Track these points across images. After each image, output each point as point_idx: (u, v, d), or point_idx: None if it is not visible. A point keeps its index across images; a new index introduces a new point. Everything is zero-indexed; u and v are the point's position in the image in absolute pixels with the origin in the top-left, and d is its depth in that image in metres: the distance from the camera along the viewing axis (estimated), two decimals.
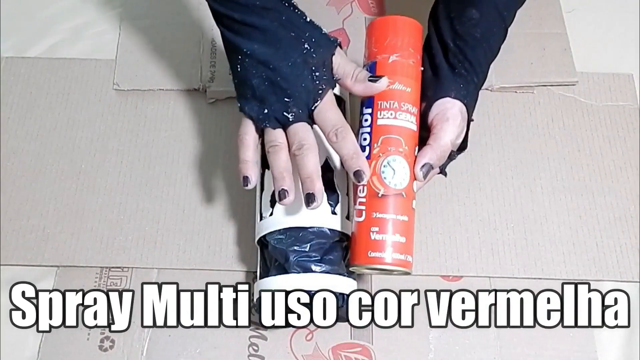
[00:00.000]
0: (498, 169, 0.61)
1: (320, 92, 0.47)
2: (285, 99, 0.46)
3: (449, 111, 0.48)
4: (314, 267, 0.48)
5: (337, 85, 0.49)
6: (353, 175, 0.46)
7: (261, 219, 0.51)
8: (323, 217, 0.49)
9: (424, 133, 0.49)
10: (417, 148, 0.48)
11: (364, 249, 0.46)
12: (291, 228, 0.49)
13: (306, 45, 0.47)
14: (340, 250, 0.50)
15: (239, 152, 0.48)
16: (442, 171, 0.51)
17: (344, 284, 0.48)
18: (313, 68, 0.47)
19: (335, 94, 0.52)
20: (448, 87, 0.49)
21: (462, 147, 0.51)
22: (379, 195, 0.46)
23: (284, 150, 0.47)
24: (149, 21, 0.68)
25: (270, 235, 0.49)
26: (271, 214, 0.50)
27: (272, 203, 0.50)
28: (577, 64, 0.65)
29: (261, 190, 0.52)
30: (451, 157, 0.50)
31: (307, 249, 0.48)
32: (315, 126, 0.48)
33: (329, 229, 0.49)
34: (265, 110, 0.47)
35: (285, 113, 0.47)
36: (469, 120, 0.50)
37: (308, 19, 0.48)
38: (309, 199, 0.45)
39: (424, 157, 0.47)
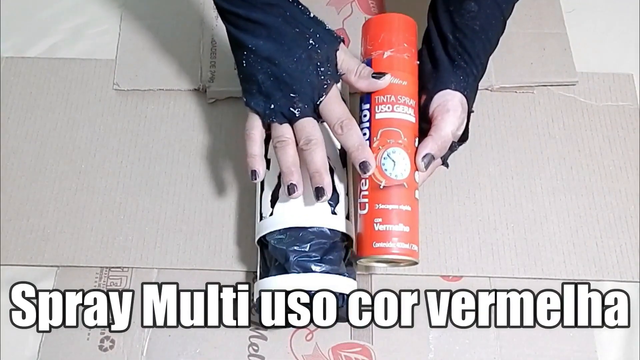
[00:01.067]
0: (498, 169, 0.61)
1: (325, 86, 0.47)
2: (291, 95, 0.47)
3: (449, 102, 0.48)
4: (314, 267, 0.48)
5: (340, 81, 0.49)
6: (359, 167, 0.46)
7: (261, 219, 0.51)
8: (323, 217, 0.49)
9: (425, 125, 0.49)
10: (417, 139, 0.48)
11: (369, 241, 0.46)
12: (291, 228, 0.48)
13: (311, 41, 0.47)
14: (340, 250, 0.50)
15: (247, 146, 0.49)
16: (444, 162, 0.51)
17: (344, 284, 0.48)
18: (318, 64, 0.47)
19: None
20: (448, 80, 0.49)
21: (463, 138, 0.51)
22: (381, 187, 0.46)
23: (291, 145, 0.48)
24: (149, 21, 0.68)
25: (270, 235, 0.49)
26: (271, 214, 0.50)
27: (272, 203, 0.50)
28: (577, 64, 0.65)
29: (261, 190, 0.52)
30: (452, 148, 0.50)
31: (307, 249, 0.48)
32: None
33: (329, 229, 0.49)
34: (272, 106, 0.48)
35: (291, 108, 0.47)
36: (470, 111, 0.50)
37: (312, 15, 0.49)
38: (319, 192, 0.46)
39: (425, 147, 0.47)
